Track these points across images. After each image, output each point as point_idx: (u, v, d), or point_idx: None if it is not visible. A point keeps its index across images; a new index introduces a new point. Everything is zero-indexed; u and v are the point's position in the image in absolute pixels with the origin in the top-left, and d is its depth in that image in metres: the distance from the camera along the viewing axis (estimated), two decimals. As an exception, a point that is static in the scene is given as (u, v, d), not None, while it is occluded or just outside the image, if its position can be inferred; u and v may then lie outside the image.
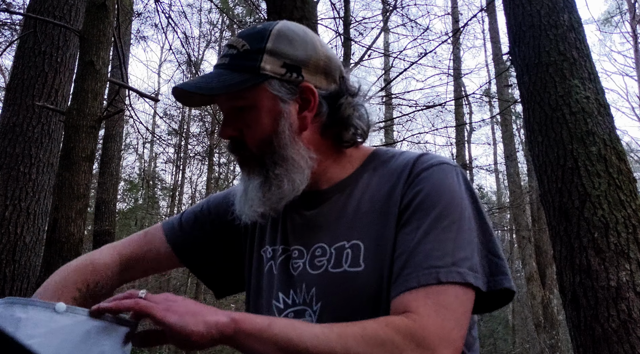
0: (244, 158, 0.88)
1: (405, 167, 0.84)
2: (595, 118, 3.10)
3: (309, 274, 0.84)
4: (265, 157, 0.85)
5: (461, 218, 0.77)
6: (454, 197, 0.79)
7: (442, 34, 13.90)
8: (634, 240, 2.76)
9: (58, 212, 3.14)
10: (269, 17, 3.28)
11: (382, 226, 0.81)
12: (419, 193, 0.79)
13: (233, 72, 0.84)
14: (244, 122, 0.86)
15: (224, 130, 0.87)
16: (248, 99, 0.84)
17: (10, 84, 4.60)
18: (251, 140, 0.86)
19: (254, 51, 0.84)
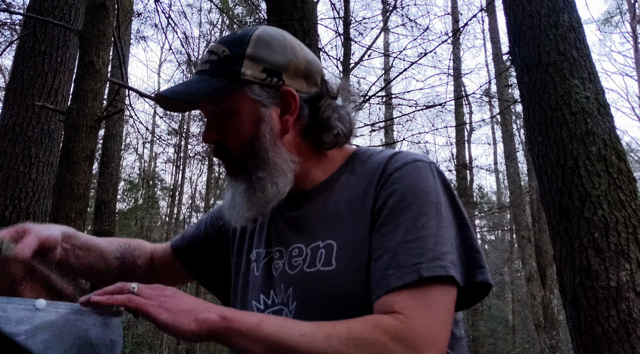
0: (228, 164, 0.90)
1: (378, 167, 0.84)
2: (595, 118, 3.10)
3: (288, 274, 0.85)
4: (248, 162, 0.87)
5: (439, 214, 0.77)
6: (429, 194, 0.78)
7: (442, 34, 13.91)
8: (634, 239, 2.76)
9: (58, 212, 3.14)
10: (269, 17, 3.28)
11: (355, 226, 0.81)
12: (393, 194, 0.79)
13: (213, 77, 0.86)
14: (225, 126, 0.87)
15: (206, 135, 0.89)
16: (229, 104, 0.86)
17: (10, 84, 4.60)
18: (233, 145, 0.87)
19: (234, 56, 0.85)
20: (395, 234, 0.76)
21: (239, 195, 0.88)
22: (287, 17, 3.14)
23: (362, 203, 0.82)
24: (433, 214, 0.77)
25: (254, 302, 0.90)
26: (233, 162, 0.89)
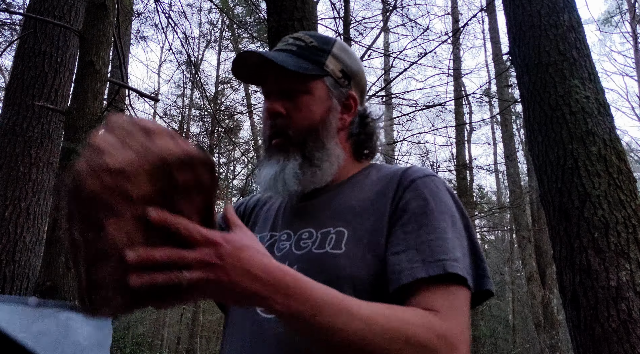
0: (283, 140, 0.93)
1: (396, 174, 0.92)
2: (595, 118, 3.10)
3: (293, 253, 0.89)
4: (308, 141, 0.93)
5: (454, 223, 0.85)
6: (446, 205, 0.87)
7: (442, 34, 13.91)
8: (634, 239, 2.76)
9: (58, 212, 3.13)
10: (269, 17, 3.28)
11: (368, 219, 0.87)
12: (416, 198, 0.86)
13: (299, 58, 0.93)
14: (296, 104, 0.93)
15: (274, 105, 0.93)
16: (306, 85, 0.94)
17: (10, 84, 4.60)
18: (297, 124, 0.93)
19: (321, 49, 0.95)
20: (418, 233, 0.82)
21: (291, 169, 0.91)
22: (287, 17, 3.15)
23: (380, 201, 0.89)
24: (449, 223, 0.84)
25: None
26: (289, 138, 0.93)
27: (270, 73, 0.95)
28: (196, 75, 10.33)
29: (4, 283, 3.91)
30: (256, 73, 0.96)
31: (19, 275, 4.01)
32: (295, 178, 0.91)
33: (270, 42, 3.23)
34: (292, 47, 0.95)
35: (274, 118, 0.94)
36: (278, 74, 0.93)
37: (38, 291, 2.98)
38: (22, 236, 4.07)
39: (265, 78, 0.96)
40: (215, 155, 16.10)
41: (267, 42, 3.37)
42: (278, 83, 0.94)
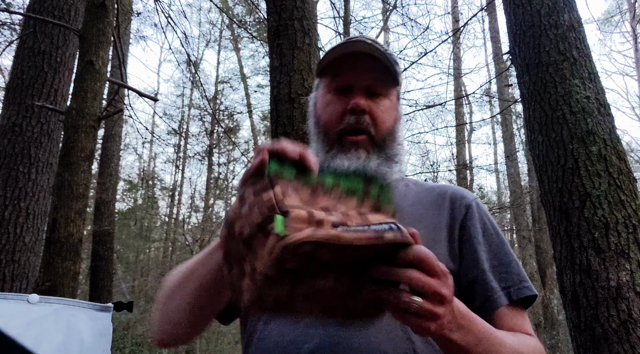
0: (365, 138, 0.93)
1: (444, 191, 0.97)
2: (595, 118, 3.10)
3: None
4: (387, 142, 0.95)
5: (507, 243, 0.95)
6: (497, 227, 0.96)
7: (442, 34, 13.90)
8: (634, 239, 2.76)
9: (57, 212, 3.13)
10: (269, 16, 3.27)
11: (424, 228, 0.88)
12: (481, 220, 0.94)
13: (389, 63, 0.94)
14: (377, 105, 0.95)
15: (360, 101, 0.92)
16: (388, 90, 0.97)
17: (9, 84, 4.60)
18: (381, 124, 0.95)
19: (394, 61, 0.96)
20: (487, 258, 0.90)
21: (373, 165, 0.92)
22: (287, 17, 3.14)
23: (433, 214, 0.93)
24: (507, 242, 0.94)
25: None
26: (371, 137, 0.94)
27: (363, 68, 0.93)
28: (196, 74, 10.32)
29: (4, 283, 3.91)
30: (346, 62, 0.94)
31: (19, 275, 4.00)
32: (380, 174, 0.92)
33: (270, 41, 3.23)
34: (379, 48, 0.94)
35: (357, 113, 0.92)
36: (372, 71, 0.93)
37: (37, 291, 2.97)
38: (22, 236, 4.07)
39: (350, 70, 0.94)
40: (214, 155, 16.10)
41: (267, 41, 3.36)
42: (367, 81, 0.94)
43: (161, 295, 0.87)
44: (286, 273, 0.56)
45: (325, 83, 1.00)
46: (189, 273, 0.83)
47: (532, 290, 0.89)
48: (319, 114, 0.99)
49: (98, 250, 8.56)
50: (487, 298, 0.87)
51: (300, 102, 3.01)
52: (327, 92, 0.98)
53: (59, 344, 0.97)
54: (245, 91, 15.38)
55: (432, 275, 0.58)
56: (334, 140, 0.94)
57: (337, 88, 0.96)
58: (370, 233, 0.56)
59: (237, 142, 15.36)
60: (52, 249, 3.06)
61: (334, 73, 0.96)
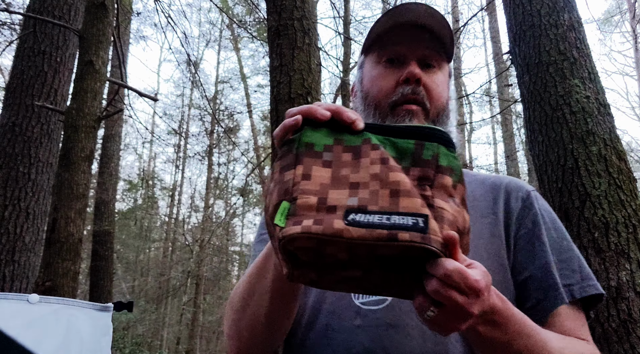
0: (418, 112, 0.86)
1: (499, 181, 0.91)
2: (595, 118, 3.10)
3: None
4: (441, 116, 0.88)
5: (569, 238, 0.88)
6: (558, 220, 0.90)
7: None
8: (634, 239, 2.76)
9: (57, 212, 3.13)
10: (269, 16, 3.27)
11: (480, 219, 0.86)
12: (538, 211, 0.87)
13: (445, 33, 0.87)
14: (432, 78, 0.87)
15: (415, 71, 0.85)
16: (442, 64, 0.89)
17: (9, 84, 4.60)
18: (436, 98, 0.87)
19: (450, 29, 0.88)
20: (545, 253, 0.83)
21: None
22: (287, 17, 3.14)
23: (488, 205, 0.87)
24: (569, 238, 0.88)
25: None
26: (426, 110, 0.87)
27: (417, 39, 0.86)
28: (196, 74, 10.32)
29: (4, 283, 3.91)
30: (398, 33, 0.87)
31: (19, 275, 4.00)
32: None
33: (270, 41, 3.23)
34: (432, 18, 0.87)
35: (413, 83, 0.85)
36: (427, 41, 0.86)
37: (38, 291, 2.97)
38: (22, 236, 4.07)
39: (402, 41, 0.87)
40: (214, 154, 16.10)
41: (267, 41, 3.36)
42: (422, 50, 0.87)
43: (232, 309, 0.80)
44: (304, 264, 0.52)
45: (372, 57, 0.91)
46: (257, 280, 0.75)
47: (597, 288, 0.82)
48: (368, 88, 0.91)
49: (98, 250, 8.56)
50: (544, 297, 0.81)
51: (300, 102, 3.01)
52: (376, 65, 0.90)
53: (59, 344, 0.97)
54: (245, 91, 15.39)
55: (461, 292, 0.52)
56: (386, 113, 0.87)
57: (388, 59, 0.88)
58: (383, 230, 0.48)
59: (237, 142, 15.36)
60: (52, 249, 3.06)
61: (384, 46, 0.89)
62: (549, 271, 0.81)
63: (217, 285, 16.73)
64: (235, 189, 16.86)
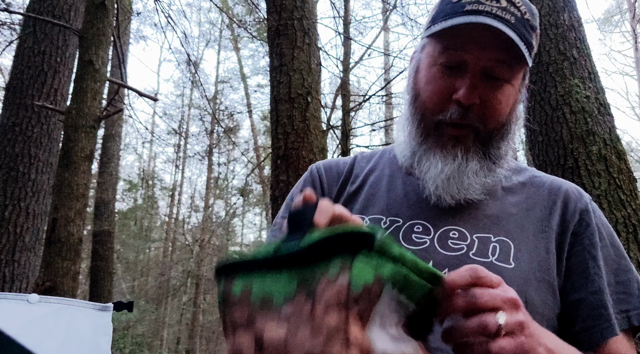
0: (465, 135, 0.78)
1: (556, 188, 0.84)
2: (595, 118, 3.10)
3: (439, 252, 0.76)
4: (493, 142, 0.79)
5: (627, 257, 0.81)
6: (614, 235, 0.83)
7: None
8: (634, 239, 2.76)
9: (57, 212, 3.13)
10: (269, 16, 3.27)
11: (536, 236, 0.79)
12: (595, 227, 0.80)
13: (520, 40, 0.74)
14: (493, 94, 0.76)
15: (471, 94, 0.74)
16: (512, 74, 0.77)
17: (9, 84, 4.60)
18: (492, 118, 0.77)
19: (532, 26, 0.76)
20: (600, 277, 0.76)
21: (472, 172, 0.78)
22: (287, 17, 3.14)
23: (541, 216, 0.80)
24: (627, 256, 0.80)
25: None
26: (477, 133, 0.78)
27: (485, 44, 0.73)
28: (195, 74, 10.33)
29: (4, 283, 3.91)
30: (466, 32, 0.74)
31: (19, 275, 4.00)
32: (480, 184, 0.78)
33: (270, 41, 3.23)
34: (509, 16, 0.73)
35: (464, 107, 0.76)
36: (496, 49, 0.73)
37: (38, 291, 2.97)
38: (22, 236, 4.07)
39: (468, 43, 0.75)
40: (214, 154, 16.10)
41: (267, 41, 3.36)
42: (487, 61, 0.74)
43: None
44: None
45: (432, 49, 0.79)
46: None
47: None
48: (419, 88, 0.81)
49: (98, 250, 8.57)
50: (594, 325, 0.74)
51: (301, 102, 3.01)
52: (433, 63, 0.78)
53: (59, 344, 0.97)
54: (245, 91, 15.39)
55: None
56: (431, 128, 0.79)
57: (447, 63, 0.77)
58: None
59: (237, 142, 15.36)
60: (52, 249, 3.06)
61: (446, 43, 0.76)
62: (602, 299, 0.75)
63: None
64: (235, 189, 16.86)
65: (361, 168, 0.91)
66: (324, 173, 0.91)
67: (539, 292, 0.74)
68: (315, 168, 0.92)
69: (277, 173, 2.89)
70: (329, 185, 0.89)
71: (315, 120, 3.01)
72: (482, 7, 0.74)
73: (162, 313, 15.70)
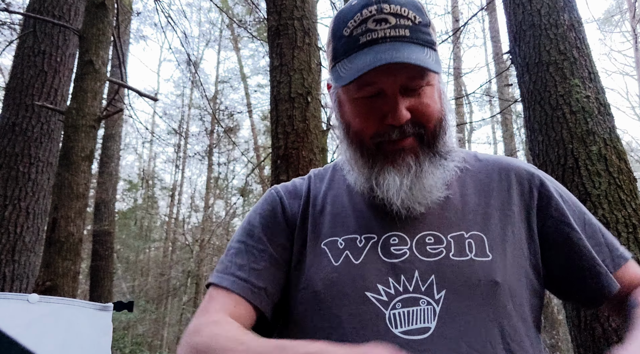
0: (418, 143, 0.80)
1: (505, 168, 0.88)
2: (595, 118, 3.10)
3: (420, 260, 0.77)
4: (438, 140, 0.81)
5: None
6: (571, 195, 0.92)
7: (442, 33, 13.89)
8: (634, 239, 2.76)
9: (57, 212, 3.13)
10: (269, 16, 3.27)
11: (499, 221, 0.83)
12: (557, 193, 0.87)
13: (418, 47, 0.77)
14: (422, 99, 0.79)
15: (402, 113, 0.77)
16: (428, 77, 0.79)
17: (9, 84, 4.60)
18: (429, 120, 0.80)
19: (425, 24, 0.80)
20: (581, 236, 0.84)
21: (430, 175, 0.80)
22: (288, 16, 3.14)
23: (506, 202, 0.84)
24: (586, 210, 0.89)
25: (369, 293, 0.76)
26: (420, 137, 0.80)
27: (395, 70, 0.76)
28: (195, 74, 10.32)
29: (4, 283, 3.91)
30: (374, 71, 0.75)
31: (19, 275, 4.00)
32: (440, 183, 0.81)
33: (270, 41, 3.23)
34: (402, 30, 0.76)
35: (399, 127, 0.78)
36: (406, 69, 0.76)
37: (38, 291, 2.97)
38: (22, 236, 4.07)
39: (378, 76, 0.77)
40: (214, 154, 16.10)
41: (267, 41, 3.36)
42: (402, 81, 0.77)
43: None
44: None
45: (346, 87, 0.81)
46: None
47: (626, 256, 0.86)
48: (349, 120, 0.83)
49: (98, 250, 8.57)
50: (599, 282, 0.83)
51: (301, 102, 3.01)
52: (352, 98, 0.81)
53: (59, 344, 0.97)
54: (245, 91, 15.39)
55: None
56: (373, 152, 0.81)
57: (366, 95, 0.79)
58: None
59: (237, 142, 15.36)
60: (52, 249, 3.06)
61: (358, 83, 0.78)
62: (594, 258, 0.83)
63: (217, 284, 16.70)
64: (235, 189, 16.87)
65: (317, 189, 0.90)
66: (285, 196, 0.90)
67: (519, 277, 0.79)
68: (275, 192, 0.91)
69: (277, 173, 2.89)
70: (291, 208, 0.88)
71: (315, 120, 3.02)
72: (375, 35, 0.76)
73: (162, 313, 15.70)
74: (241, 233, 0.88)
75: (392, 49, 0.75)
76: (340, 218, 0.84)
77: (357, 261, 0.79)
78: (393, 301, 0.75)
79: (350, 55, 0.79)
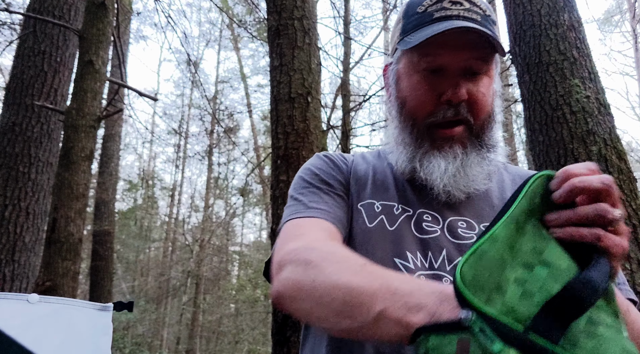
0: (462, 133, 0.81)
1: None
2: (595, 118, 3.10)
3: (451, 242, 0.79)
4: (486, 133, 0.83)
5: None
6: None
7: (442, 34, 13.86)
8: (634, 239, 2.76)
9: (57, 212, 3.13)
10: (269, 16, 3.27)
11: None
12: None
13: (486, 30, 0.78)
14: (476, 88, 0.80)
15: (460, 91, 0.78)
16: (489, 66, 0.81)
17: (9, 84, 4.60)
18: (481, 110, 0.81)
19: (493, 22, 0.82)
20: None
21: (475, 165, 0.81)
22: (288, 16, 3.14)
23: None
24: None
25: (397, 259, 0.77)
26: (469, 127, 0.81)
27: (460, 45, 0.77)
28: (195, 74, 10.32)
29: (4, 283, 3.91)
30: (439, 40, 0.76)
31: (19, 275, 4.00)
32: (484, 173, 0.82)
33: (270, 41, 3.23)
34: (475, 15, 0.78)
35: (456, 105, 0.79)
36: (471, 48, 0.77)
37: (38, 291, 2.97)
38: (22, 236, 4.07)
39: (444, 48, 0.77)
40: (214, 154, 16.10)
41: (267, 41, 3.36)
42: (466, 61, 0.78)
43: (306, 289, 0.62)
44: None
45: (410, 59, 0.82)
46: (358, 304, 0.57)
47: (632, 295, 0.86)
48: (404, 96, 0.83)
49: (98, 250, 8.57)
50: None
51: (301, 102, 3.01)
52: (413, 72, 0.81)
53: (59, 344, 0.97)
54: (245, 91, 15.38)
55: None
56: (424, 133, 0.81)
57: (428, 69, 0.79)
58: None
59: (237, 142, 15.36)
60: (52, 249, 3.06)
61: (423, 52, 0.79)
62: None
63: (217, 284, 16.73)
64: (235, 189, 16.86)
65: (361, 163, 0.93)
66: (334, 158, 0.92)
67: None
68: (323, 154, 0.94)
69: (277, 173, 2.89)
70: (340, 167, 0.90)
71: (315, 120, 3.01)
72: (449, 13, 0.78)
73: (162, 313, 15.70)
74: (300, 183, 0.88)
75: (466, 22, 0.77)
76: (382, 186, 0.87)
77: (391, 228, 0.81)
78: (418, 272, 0.76)
79: (422, 27, 0.79)
